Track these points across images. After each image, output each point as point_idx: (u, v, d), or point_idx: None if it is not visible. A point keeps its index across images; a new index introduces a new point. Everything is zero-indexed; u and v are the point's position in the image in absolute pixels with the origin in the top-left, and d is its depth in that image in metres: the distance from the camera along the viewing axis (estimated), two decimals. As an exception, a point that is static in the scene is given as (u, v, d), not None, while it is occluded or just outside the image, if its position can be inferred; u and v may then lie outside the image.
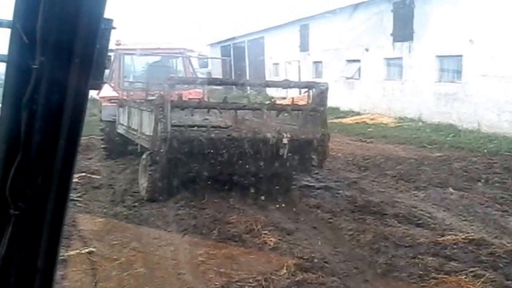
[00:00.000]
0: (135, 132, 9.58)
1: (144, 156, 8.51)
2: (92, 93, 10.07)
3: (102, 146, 12.07)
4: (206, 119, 9.11)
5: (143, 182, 8.45)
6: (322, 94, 7.97)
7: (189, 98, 10.87)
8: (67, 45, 0.96)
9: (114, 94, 11.56)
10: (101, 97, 11.75)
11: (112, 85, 11.80)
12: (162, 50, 13.45)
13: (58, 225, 1.09)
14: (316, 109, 8.02)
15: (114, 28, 1.06)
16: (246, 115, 9.53)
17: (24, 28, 0.95)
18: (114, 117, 11.34)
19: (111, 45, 11.70)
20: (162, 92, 11.48)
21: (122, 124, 10.78)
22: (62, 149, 1.02)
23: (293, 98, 8.88)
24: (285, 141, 7.61)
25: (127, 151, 11.49)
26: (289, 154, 7.74)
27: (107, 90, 11.20)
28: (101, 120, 11.97)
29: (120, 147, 11.65)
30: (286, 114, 8.43)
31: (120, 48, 12.37)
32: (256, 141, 7.64)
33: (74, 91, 0.99)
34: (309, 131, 8.01)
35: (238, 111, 8.67)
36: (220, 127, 8.70)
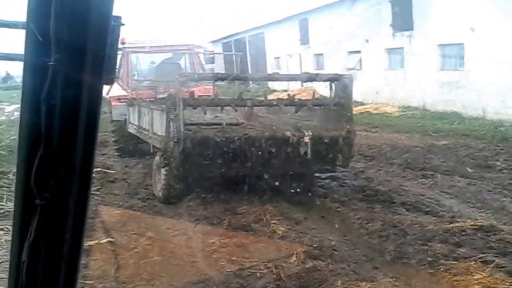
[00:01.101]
0: (146, 132, 9.17)
1: (157, 157, 8.12)
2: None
3: (114, 146, 11.97)
4: (217, 116, 8.60)
5: (157, 184, 8.07)
6: (346, 87, 7.36)
7: (199, 95, 10.44)
8: (80, 42, 0.98)
9: (123, 93, 11.41)
10: (110, 97, 11.46)
11: (121, 84, 11.59)
12: (170, 47, 13.23)
13: (82, 214, 1.12)
14: (341, 103, 7.40)
15: (123, 24, 1.09)
16: (259, 111, 9.15)
17: (38, 28, 0.97)
18: (124, 117, 11.14)
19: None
20: (173, 90, 11.30)
21: (133, 124, 10.42)
22: (82, 141, 1.05)
23: (314, 91, 8.15)
24: (306, 139, 7.02)
25: (140, 150, 11.16)
26: (311, 153, 7.13)
27: (116, 89, 11.01)
28: (111, 121, 11.74)
29: (132, 147, 11.41)
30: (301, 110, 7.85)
31: (128, 46, 12.06)
32: (274, 140, 7.10)
33: (89, 85, 1.01)
34: (333, 128, 7.39)
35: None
36: (231, 124, 8.30)
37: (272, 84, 29.73)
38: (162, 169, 7.67)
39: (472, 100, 17.02)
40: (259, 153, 7.08)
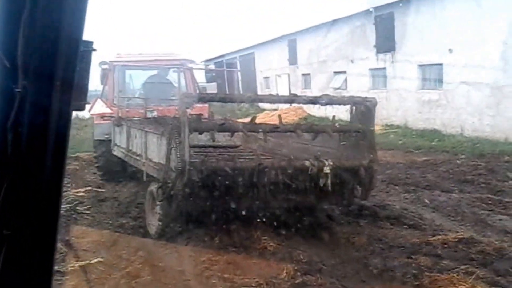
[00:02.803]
0: (137, 157, 7.90)
1: (152, 188, 6.95)
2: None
3: (97, 168, 10.76)
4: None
5: (151, 219, 6.95)
6: (369, 112, 6.39)
7: (191, 114, 9.38)
8: (48, 69, 0.94)
9: (107, 110, 10.37)
10: (92, 114, 10.49)
11: (105, 100, 10.54)
12: (159, 61, 11.80)
13: (51, 243, 1.08)
14: (363, 130, 6.43)
15: (94, 50, 1.05)
16: (259, 134, 7.62)
17: (6, 53, 0.93)
18: (107, 136, 10.05)
19: (112, 58, 10.97)
20: (162, 108, 10.36)
21: (119, 146, 9.20)
22: (50, 169, 1.00)
23: (333, 116, 6.83)
24: (327, 170, 6.00)
25: (128, 174, 9.86)
26: (330, 186, 6.14)
27: (99, 106, 10.11)
28: (94, 141, 10.64)
29: (117, 170, 10.07)
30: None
31: (114, 60, 10.98)
32: (292, 170, 6.02)
33: (57, 112, 0.97)
34: (353, 157, 6.44)
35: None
36: (228, 147, 7.85)
37: (262, 104, 29.85)
38: (159, 204, 6.57)
39: (451, 118, 17.20)
40: (274, 185, 6.03)
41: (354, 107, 6.54)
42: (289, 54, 30.52)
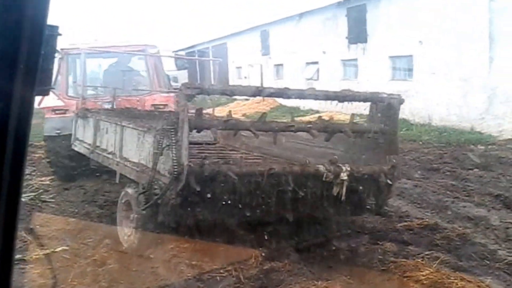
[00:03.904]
0: (109, 156, 6.83)
1: (127, 191, 6.05)
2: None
3: (49, 165, 9.78)
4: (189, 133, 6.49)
5: (125, 229, 6.07)
6: (393, 110, 5.67)
7: (153, 105, 9.43)
8: (12, 52, 0.92)
9: (59, 103, 9.46)
10: (43, 108, 9.31)
11: (57, 92, 9.46)
12: (118, 47, 10.72)
13: (11, 230, 1.05)
14: (384, 130, 5.61)
15: (60, 34, 1.04)
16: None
17: None
18: (58, 131, 9.22)
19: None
20: (120, 98, 9.62)
21: (82, 141, 8.12)
22: (10, 154, 0.97)
23: (352, 115, 5.96)
24: (344, 176, 5.07)
25: (88, 172, 8.75)
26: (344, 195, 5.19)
27: (50, 99, 8.91)
28: (44, 136, 9.65)
29: (74, 167, 9.06)
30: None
31: (67, 48, 9.89)
32: (304, 177, 5.09)
33: (19, 97, 0.94)
34: (372, 162, 5.55)
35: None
36: (206, 143, 7.46)
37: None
38: (140, 212, 5.58)
39: (419, 108, 17.42)
40: (281, 193, 5.11)
41: (375, 105, 5.76)
42: (261, 45, 30.52)
